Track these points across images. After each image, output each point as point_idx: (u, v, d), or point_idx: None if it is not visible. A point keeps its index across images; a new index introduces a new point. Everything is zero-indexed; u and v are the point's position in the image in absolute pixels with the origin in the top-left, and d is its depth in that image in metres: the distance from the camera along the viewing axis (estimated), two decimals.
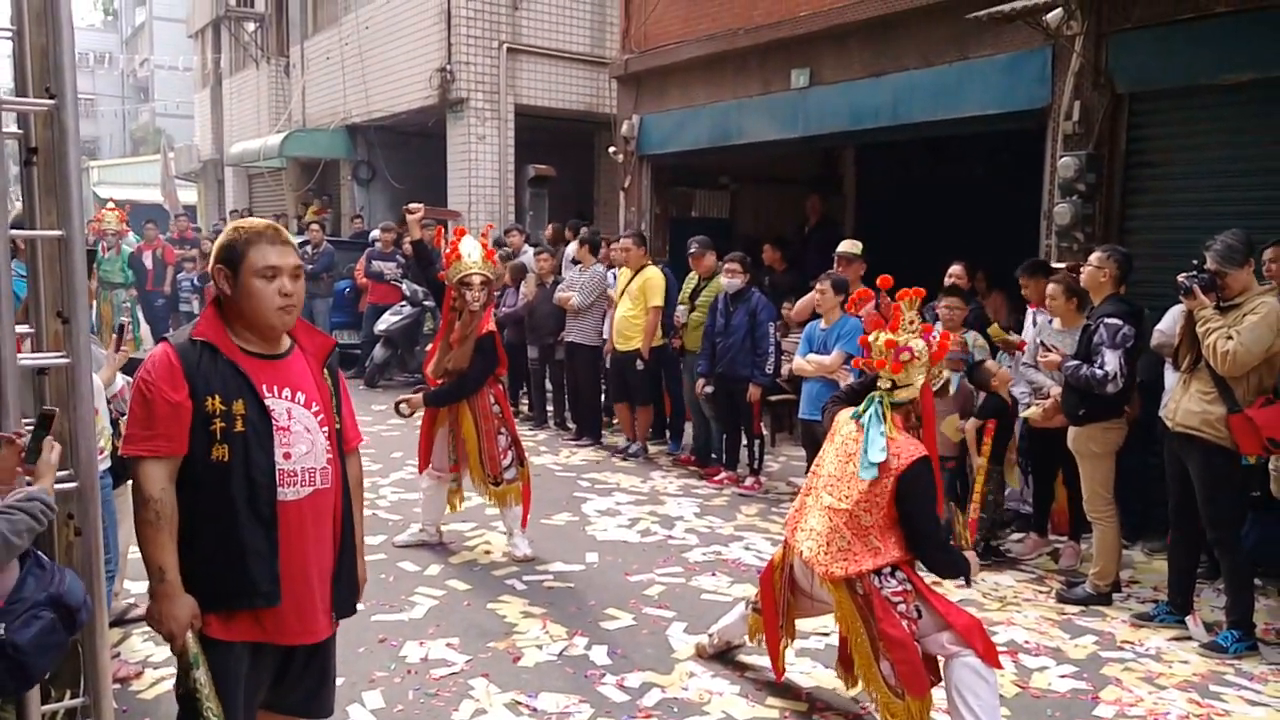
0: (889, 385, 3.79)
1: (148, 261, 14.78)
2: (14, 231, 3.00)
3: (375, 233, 13.12)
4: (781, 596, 4.08)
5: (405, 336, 12.02)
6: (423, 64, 14.29)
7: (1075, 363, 5.38)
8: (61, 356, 3.08)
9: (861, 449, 3.71)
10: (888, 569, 3.68)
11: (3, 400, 2.83)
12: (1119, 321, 5.28)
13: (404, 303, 11.98)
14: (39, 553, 2.70)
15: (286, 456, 2.67)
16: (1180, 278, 4.91)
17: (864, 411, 3.80)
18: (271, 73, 20.07)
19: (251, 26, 21.01)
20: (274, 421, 2.67)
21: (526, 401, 10.72)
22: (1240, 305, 4.74)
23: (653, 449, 9.10)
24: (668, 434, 9.43)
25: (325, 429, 2.77)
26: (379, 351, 12.09)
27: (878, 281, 4.04)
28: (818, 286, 7.04)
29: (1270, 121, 6.25)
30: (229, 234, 2.74)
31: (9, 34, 3.12)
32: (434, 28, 14.04)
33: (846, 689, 4.17)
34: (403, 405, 5.99)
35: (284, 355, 2.78)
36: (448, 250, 5.96)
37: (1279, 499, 4.98)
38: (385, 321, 11.96)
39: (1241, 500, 5.01)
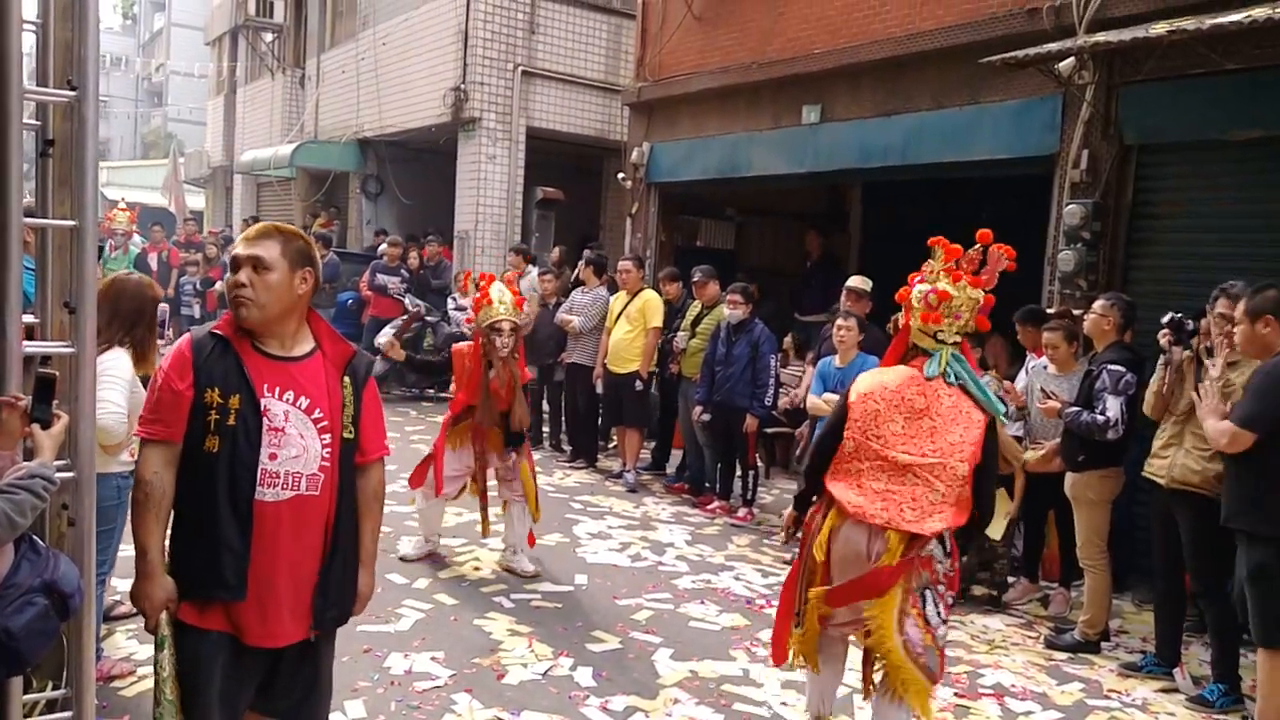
0: (951, 339, 3.77)
1: (152, 263, 14.81)
2: (29, 220, 3.01)
3: (381, 246, 13.17)
4: (802, 585, 3.81)
5: (404, 348, 12.01)
6: (437, 82, 14.37)
7: (1075, 409, 5.39)
8: (66, 346, 3.09)
9: (987, 398, 3.68)
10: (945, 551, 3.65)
11: (7, 387, 2.84)
12: (1122, 369, 5.30)
13: (405, 316, 11.99)
14: (34, 537, 2.70)
15: (273, 457, 2.68)
16: (1166, 340, 4.99)
17: (943, 366, 3.72)
18: (286, 83, 20.17)
19: (269, 37, 21.16)
20: (267, 421, 2.67)
21: None
22: (1240, 364, 4.71)
23: (645, 476, 9.08)
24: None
25: (326, 436, 2.75)
26: (379, 365, 12.01)
27: (978, 235, 3.87)
28: (839, 323, 6.92)
29: (1277, 179, 6.29)
30: None
31: (34, 27, 3.16)
32: (450, 47, 14.13)
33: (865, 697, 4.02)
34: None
35: (301, 359, 2.79)
36: (477, 295, 6.03)
37: None
38: (385, 335, 11.94)
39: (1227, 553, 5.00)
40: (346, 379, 2.84)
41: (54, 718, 3.25)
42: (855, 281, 7.88)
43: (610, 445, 9.94)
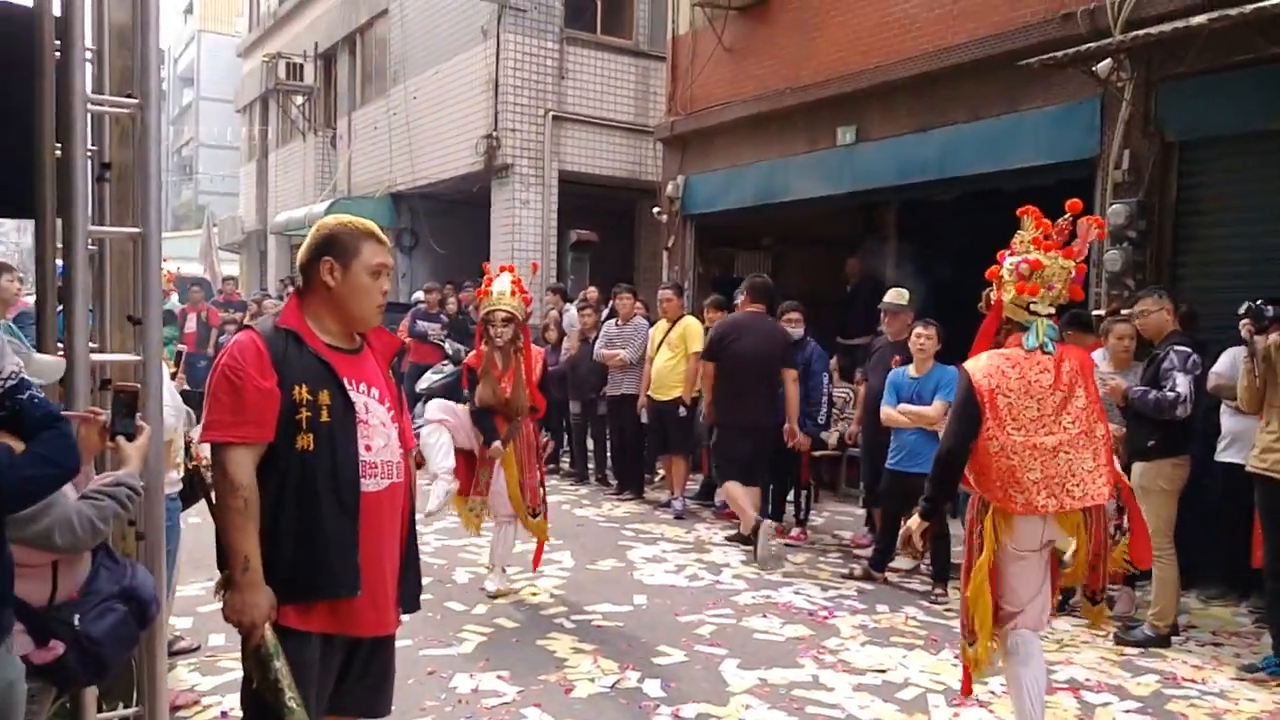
0: (1045, 310, 3.77)
1: (191, 324, 14.96)
2: (94, 229, 3.05)
3: (419, 294, 13.28)
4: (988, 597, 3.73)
5: (447, 395, 12.03)
6: (469, 132, 14.57)
7: (1142, 389, 5.29)
8: (134, 355, 3.11)
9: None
10: None
11: (75, 393, 2.86)
12: (1188, 349, 5.24)
13: (445, 362, 12.04)
14: (110, 546, 2.70)
15: (368, 448, 2.69)
16: (1247, 331, 4.86)
17: (1041, 337, 3.74)
18: (318, 144, 20.52)
19: (300, 99, 21.53)
20: (356, 414, 2.68)
21: (568, 457, 10.69)
22: None
23: (693, 505, 8.96)
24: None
25: (396, 425, 2.80)
26: (420, 410, 12.12)
27: (1067, 206, 3.86)
28: (917, 332, 6.59)
29: None
30: (336, 227, 2.73)
31: (91, 55, 3.23)
32: (481, 96, 14.34)
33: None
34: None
35: (358, 351, 2.80)
36: (482, 285, 6.13)
37: None
38: (427, 380, 11.99)
39: None
40: (389, 371, 2.91)
41: None
42: (890, 297, 7.43)
43: (658, 478, 9.86)
